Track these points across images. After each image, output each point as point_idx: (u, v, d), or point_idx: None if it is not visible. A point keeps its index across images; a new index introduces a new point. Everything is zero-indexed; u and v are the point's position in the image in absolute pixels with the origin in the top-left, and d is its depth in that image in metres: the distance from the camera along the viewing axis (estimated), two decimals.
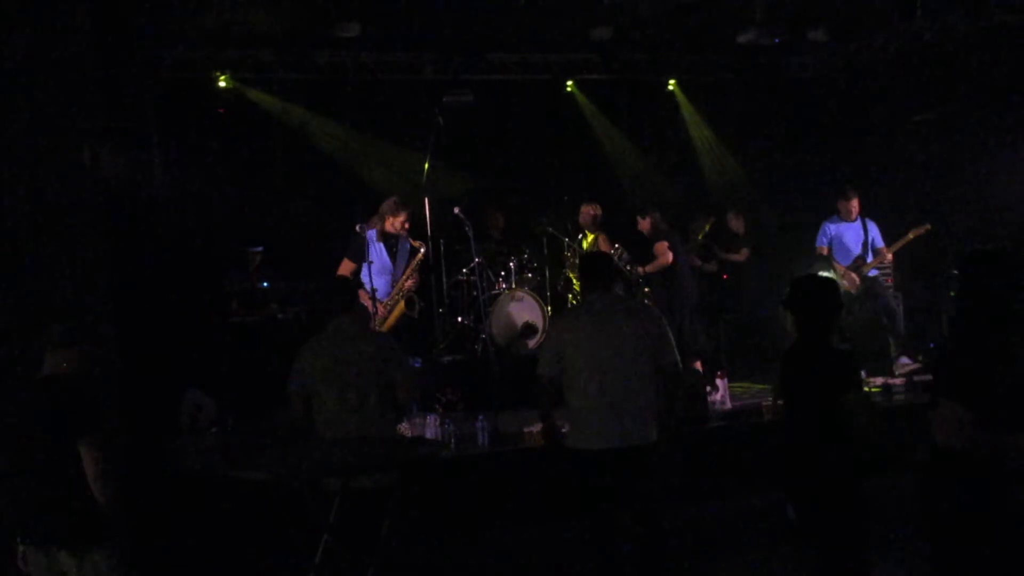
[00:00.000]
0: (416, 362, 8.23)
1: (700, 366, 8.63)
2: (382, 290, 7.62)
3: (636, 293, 8.97)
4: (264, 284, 9.24)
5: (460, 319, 9.64)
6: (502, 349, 9.04)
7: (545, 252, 10.06)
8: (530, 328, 9.24)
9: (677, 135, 11.39)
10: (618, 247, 9.07)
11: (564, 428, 5.13)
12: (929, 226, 8.54)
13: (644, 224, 9.14)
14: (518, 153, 10.67)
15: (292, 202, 9.88)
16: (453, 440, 6.73)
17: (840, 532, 4.08)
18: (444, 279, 9.82)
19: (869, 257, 8.73)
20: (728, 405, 7.58)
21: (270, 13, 8.38)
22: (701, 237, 10.33)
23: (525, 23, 8.93)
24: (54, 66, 5.62)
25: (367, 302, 7.41)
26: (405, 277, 7.60)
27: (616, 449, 4.76)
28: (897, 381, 8.14)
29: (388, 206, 7.67)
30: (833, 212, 8.92)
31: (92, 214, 5.77)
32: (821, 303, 4.22)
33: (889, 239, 8.80)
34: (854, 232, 8.77)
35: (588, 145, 11.19)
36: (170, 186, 8.66)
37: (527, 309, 9.33)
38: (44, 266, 5.47)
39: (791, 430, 4.26)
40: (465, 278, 9.60)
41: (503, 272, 9.66)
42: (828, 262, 8.74)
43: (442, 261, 9.78)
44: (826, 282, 4.42)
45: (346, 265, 7.61)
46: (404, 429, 6.72)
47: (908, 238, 8.60)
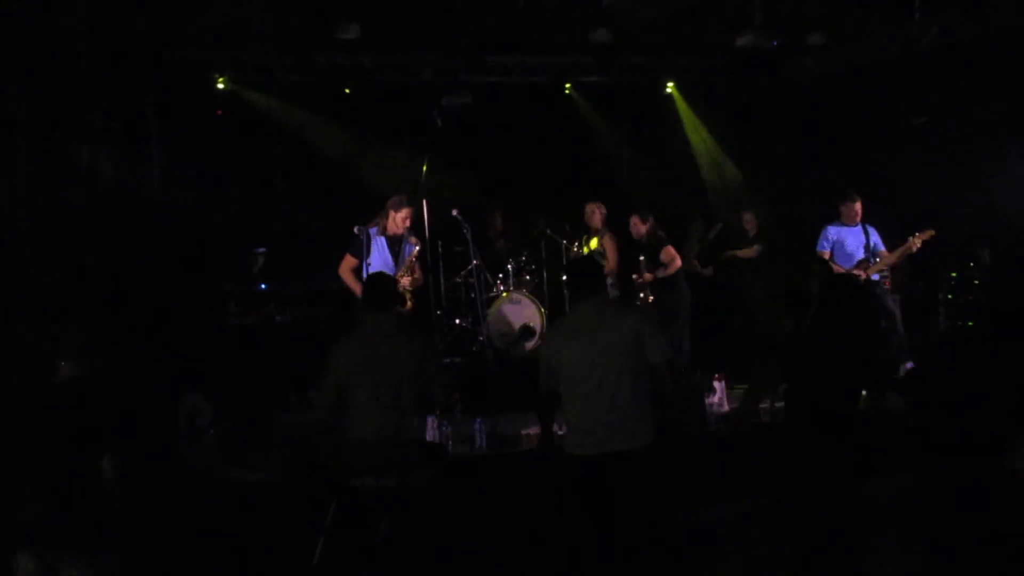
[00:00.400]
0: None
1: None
2: None
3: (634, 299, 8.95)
4: (262, 286, 9.25)
5: (458, 321, 9.65)
6: (500, 351, 9.04)
7: (543, 254, 10.06)
8: (528, 330, 9.25)
9: (675, 138, 11.40)
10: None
11: (561, 433, 5.12)
12: (933, 232, 8.49)
13: (642, 228, 9.12)
14: (517, 155, 10.68)
15: (290, 204, 9.89)
16: (450, 442, 6.73)
17: (836, 530, 4.13)
18: (442, 281, 9.83)
19: (872, 261, 8.71)
20: (726, 408, 7.57)
21: (269, 15, 8.38)
22: (698, 242, 10.28)
23: (524, 25, 8.93)
24: (52, 67, 5.62)
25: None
26: (400, 275, 7.59)
27: (612, 453, 4.75)
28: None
29: (393, 202, 7.67)
30: (834, 216, 8.89)
31: (89, 216, 5.77)
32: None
33: (888, 243, 8.78)
34: (855, 236, 8.71)
35: (586, 148, 11.19)
36: (168, 188, 8.67)
37: (525, 311, 9.34)
38: (42, 269, 5.47)
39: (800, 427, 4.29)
40: (463, 280, 9.61)
41: (501, 274, 9.66)
42: (825, 266, 8.73)
43: (440, 263, 9.80)
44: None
45: (348, 262, 7.59)
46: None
47: (915, 243, 8.53)
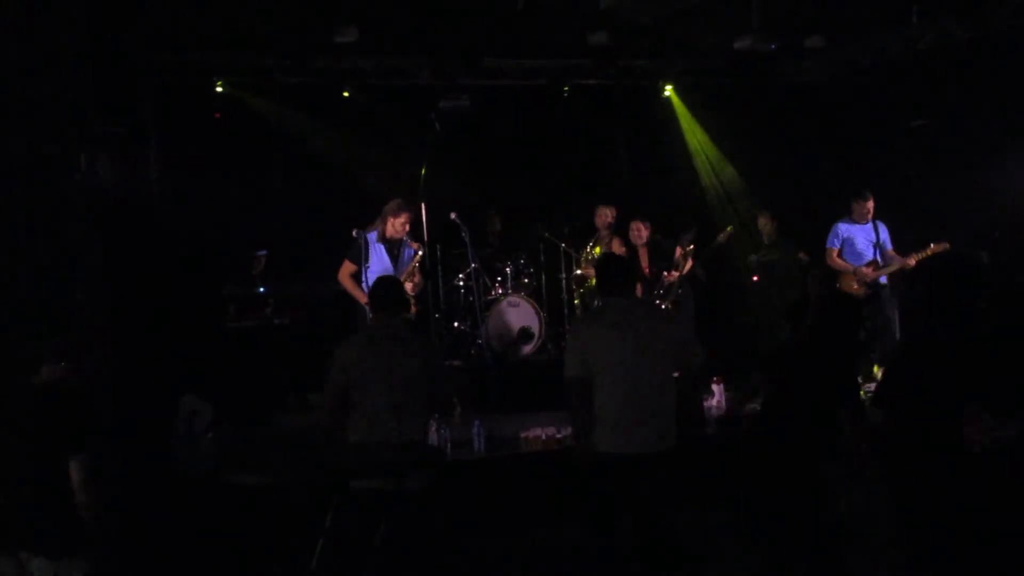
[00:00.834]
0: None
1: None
2: None
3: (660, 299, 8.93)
4: (261, 290, 9.25)
5: (457, 324, 9.65)
6: (498, 354, 9.04)
7: (542, 257, 10.07)
8: (526, 333, 9.26)
9: (673, 141, 11.40)
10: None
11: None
12: (948, 244, 8.43)
13: (644, 233, 9.07)
14: (515, 158, 10.68)
15: (289, 207, 9.88)
16: (449, 445, 6.73)
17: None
18: (441, 284, 9.83)
19: (879, 261, 8.68)
20: (724, 410, 7.58)
21: (268, 18, 8.38)
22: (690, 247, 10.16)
23: (522, 28, 8.93)
24: (51, 71, 5.62)
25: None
26: (403, 279, 7.59)
27: (640, 454, 4.75)
28: None
29: (391, 206, 7.67)
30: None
31: (88, 220, 5.76)
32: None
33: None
34: (866, 234, 8.76)
35: (584, 151, 11.19)
36: (167, 191, 8.66)
37: (523, 314, 9.35)
38: (41, 273, 5.47)
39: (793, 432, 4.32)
40: (462, 283, 9.61)
41: (499, 277, 9.66)
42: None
43: (439, 266, 9.80)
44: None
45: (347, 266, 7.60)
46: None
47: (928, 252, 8.44)
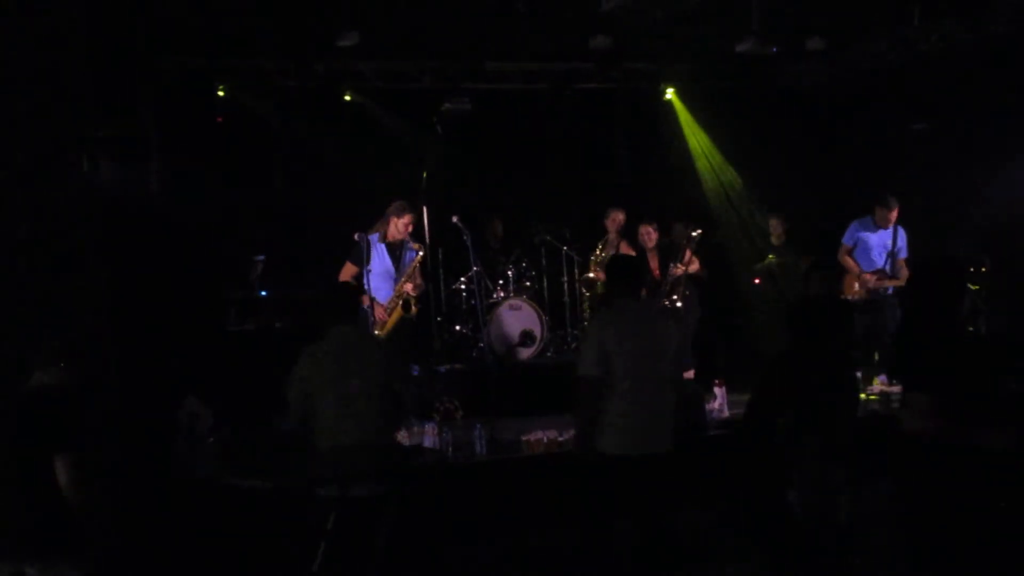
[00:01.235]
0: (415, 370, 8.23)
1: (691, 375, 8.52)
2: (384, 295, 7.62)
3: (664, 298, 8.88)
4: (262, 293, 9.26)
5: (458, 327, 9.65)
6: (500, 357, 9.04)
7: (543, 261, 10.07)
8: (528, 336, 9.25)
9: (675, 144, 11.41)
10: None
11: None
12: None
13: (653, 236, 8.88)
14: (517, 162, 10.68)
15: (290, 210, 9.89)
16: (451, 448, 6.72)
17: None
18: (442, 287, 9.83)
19: (888, 266, 8.64)
20: (726, 413, 7.57)
21: (269, 22, 8.39)
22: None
23: (524, 32, 8.95)
24: (53, 74, 5.63)
25: (376, 307, 7.43)
26: (404, 280, 7.60)
27: (654, 455, 4.78)
28: (895, 389, 8.14)
29: (394, 208, 7.68)
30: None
31: (90, 223, 5.77)
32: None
33: None
34: (881, 239, 8.68)
35: (586, 154, 11.19)
36: (168, 195, 8.68)
37: (525, 317, 9.34)
38: (42, 276, 5.47)
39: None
40: (463, 286, 9.61)
41: (501, 280, 9.66)
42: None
43: (440, 269, 9.80)
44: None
45: (348, 269, 7.61)
46: (403, 437, 6.72)
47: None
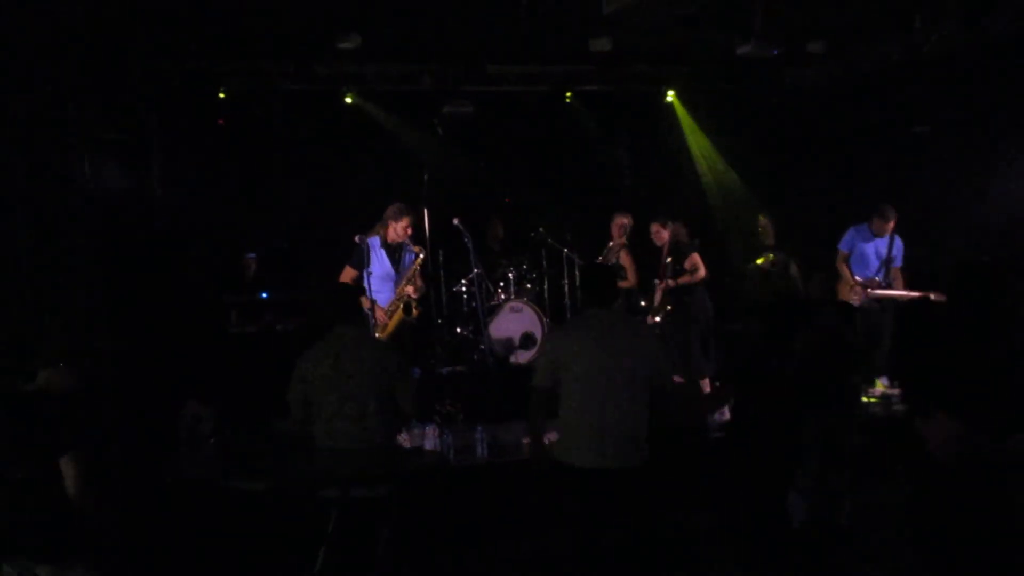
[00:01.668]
0: (415, 372, 8.23)
1: (708, 385, 8.43)
2: (385, 297, 7.63)
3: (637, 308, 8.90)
4: (263, 295, 9.27)
5: (459, 330, 9.65)
6: (501, 360, 9.04)
7: (544, 263, 10.07)
8: (529, 339, 9.26)
9: (676, 146, 11.41)
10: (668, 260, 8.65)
11: (552, 438, 5.03)
12: (944, 297, 8.32)
13: (665, 235, 8.71)
14: (517, 164, 10.69)
15: (291, 213, 9.90)
16: (452, 451, 6.73)
17: None
18: (443, 290, 9.84)
19: (882, 275, 8.63)
20: (727, 416, 7.56)
21: (270, 24, 8.39)
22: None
23: (524, 34, 8.95)
24: (55, 77, 5.64)
25: (376, 310, 7.43)
26: (405, 283, 7.60)
27: (606, 469, 4.65)
28: (895, 391, 8.15)
29: (392, 211, 7.68)
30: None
31: (91, 225, 5.78)
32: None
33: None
34: (875, 248, 8.69)
35: (587, 156, 11.20)
36: (169, 197, 8.69)
37: (526, 320, 9.35)
38: (43, 277, 5.48)
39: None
40: (464, 289, 9.62)
41: (502, 283, 9.67)
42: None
43: (441, 272, 9.81)
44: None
45: (348, 272, 7.60)
46: (403, 440, 6.73)
47: (929, 297, 8.16)
